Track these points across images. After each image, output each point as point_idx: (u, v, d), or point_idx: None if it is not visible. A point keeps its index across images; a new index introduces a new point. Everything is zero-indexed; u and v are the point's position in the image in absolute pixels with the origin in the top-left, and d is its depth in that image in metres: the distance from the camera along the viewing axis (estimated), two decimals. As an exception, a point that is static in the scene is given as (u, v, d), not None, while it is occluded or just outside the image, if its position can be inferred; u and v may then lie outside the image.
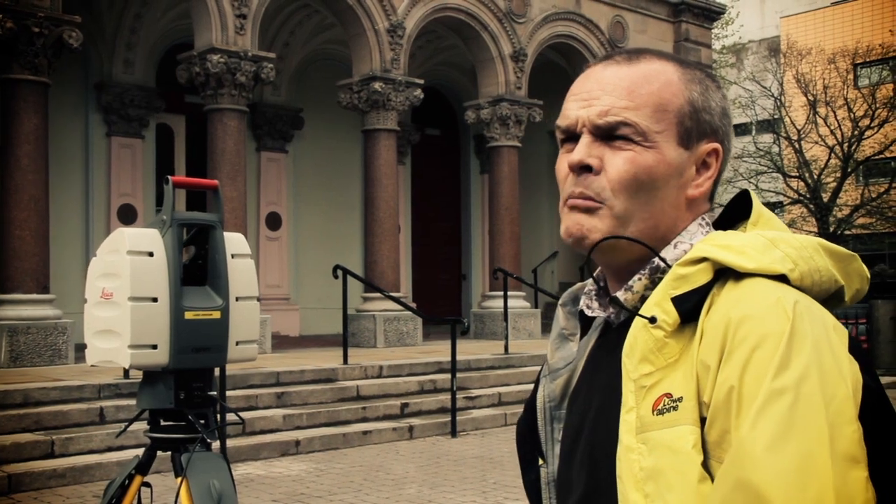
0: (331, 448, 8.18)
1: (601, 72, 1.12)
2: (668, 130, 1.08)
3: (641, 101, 1.08)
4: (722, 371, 0.94)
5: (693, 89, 1.11)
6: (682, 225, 1.11)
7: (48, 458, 6.88)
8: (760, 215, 1.10)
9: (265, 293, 14.64)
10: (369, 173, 12.84)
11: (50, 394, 7.66)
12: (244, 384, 8.73)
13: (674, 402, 0.96)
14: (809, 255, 1.01)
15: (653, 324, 1.00)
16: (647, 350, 1.00)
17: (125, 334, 2.52)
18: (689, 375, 0.97)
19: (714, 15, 17.57)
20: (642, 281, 1.09)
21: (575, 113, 1.11)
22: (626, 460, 0.97)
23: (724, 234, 1.05)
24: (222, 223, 2.71)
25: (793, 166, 27.59)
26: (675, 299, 1.00)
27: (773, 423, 0.88)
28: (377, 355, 10.98)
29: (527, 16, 14.33)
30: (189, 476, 2.50)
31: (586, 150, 1.09)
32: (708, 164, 1.12)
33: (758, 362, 0.92)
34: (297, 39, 15.05)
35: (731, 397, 0.92)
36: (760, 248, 1.00)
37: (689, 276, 1.01)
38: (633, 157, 1.07)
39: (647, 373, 0.99)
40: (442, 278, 17.69)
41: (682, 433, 0.95)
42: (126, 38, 13.34)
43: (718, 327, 0.96)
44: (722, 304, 0.98)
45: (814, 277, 1.01)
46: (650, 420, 0.97)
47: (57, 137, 11.98)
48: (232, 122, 11.19)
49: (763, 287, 0.98)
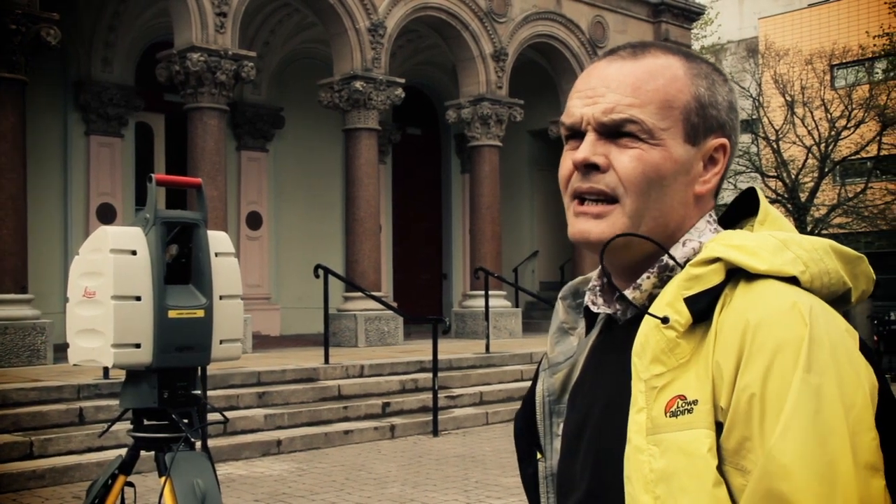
0: (312, 448, 8.16)
1: (605, 68, 1.10)
2: (674, 127, 1.07)
3: (647, 98, 1.06)
4: (741, 377, 0.93)
5: (699, 84, 1.09)
6: (691, 222, 1.10)
7: (27, 460, 6.82)
8: (768, 214, 1.09)
9: (246, 293, 14.51)
10: (350, 172, 12.82)
11: (28, 394, 7.60)
12: (225, 384, 8.69)
13: (688, 404, 0.96)
14: (820, 258, 1.01)
15: (665, 324, 0.99)
16: (659, 350, 0.99)
17: (108, 333, 2.50)
18: (703, 377, 0.96)
19: (693, 15, 17.67)
20: (651, 279, 1.08)
21: (580, 111, 1.09)
22: (636, 461, 0.97)
23: (736, 234, 1.04)
24: (206, 221, 2.69)
25: (771, 166, 27.78)
26: (688, 300, 0.99)
27: (800, 433, 0.89)
28: (358, 355, 10.97)
29: (507, 15, 14.35)
30: (173, 476, 2.48)
31: (591, 149, 1.07)
32: (715, 159, 1.10)
33: (779, 370, 0.92)
34: (277, 38, 15.00)
35: (753, 405, 0.92)
36: (773, 249, 1.00)
37: (703, 277, 1.00)
38: (640, 155, 1.06)
39: (659, 373, 0.98)
40: (423, 278, 17.68)
41: (698, 437, 0.94)
42: (104, 36, 13.24)
43: (735, 330, 0.96)
44: (737, 306, 0.98)
45: (823, 280, 1.00)
46: (663, 422, 0.96)
47: (35, 136, 11.87)
48: (212, 121, 11.14)
49: (778, 290, 0.97)
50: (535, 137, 17.50)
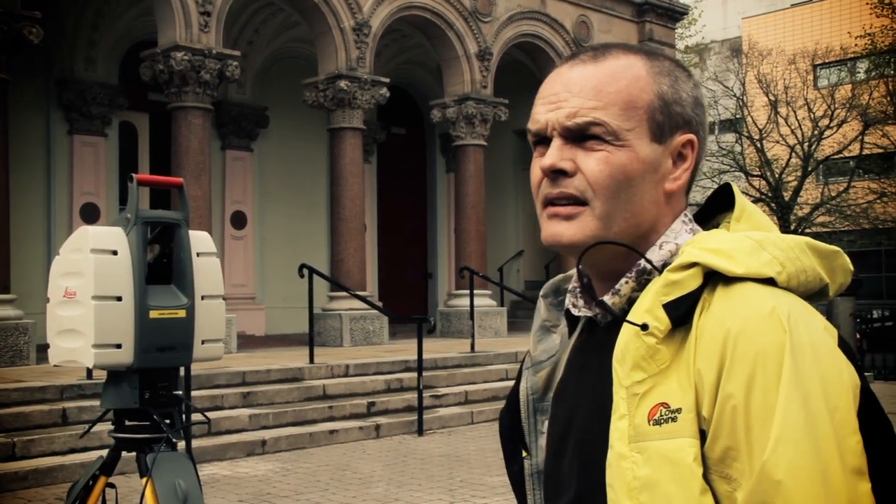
0: (297, 448, 8.14)
1: (567, 72, 1.10)
2: (639, 127, 1.07)
3: (609, 100, 1.07)
4: (723, 386, 0.94)
5: (662, 82, 1.10)
6: (664, 221, 1.10)
7: (10, 461, 6.78)
8: (744, 210, 1.09)
9: (230, 292, 14.52)
10: (335, 172, 12.80)
11: (11, 395, 7.55)
12: (210, 384, 8.66)
13: (672, 413, 0.96)
14: (796, 257, 1.01)
15: (645, 331, 0.99)
16: (639, 357, 0.99)
17: (89, 333, 2.49)
18: (685, 384, 0.97)
19: (677, 15, 17.73)
20: (629, 284, 1.09)
21: (544, 116, 1.10)
22: (618, 468, 0.97)
23: (712, 236, 1.04)
24: (188, 221, 2.68)
25: (755, 165, 27.91)
26: (667, 305, 0.99)
27: (790, 446, 0.89)
28: (343, 354, 10.96)
29: (492, 15, 14.37)
30: (154, 476, 2.48)
31: (558, 154, 1.07)
32: (684, 155, 1.10)
33: (762, 379, 0.92)
34: (261, 37, 14.96)
35: (737, 415, 0.92)
36: (748, 251, 1.00)
37: (681, 282, 1.00)
38: (607, 157, 1.06)
39: (640, 380, 0.98)
40: (408, 277, 17.67)
41: (682, 446, 0.94)
42: (88, 34, 13.17)
43: (716, 338, 0.96)
44: (716, 311, 0.98)
45: (800, 278, 1.01)
46: (646, 429, 0.96)
47: (17, 135, 11.78)
48: (196, 121, 11.10)
49: (756, 294, 0.97)
50: (520, 137, 17.51)
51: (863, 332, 17.02)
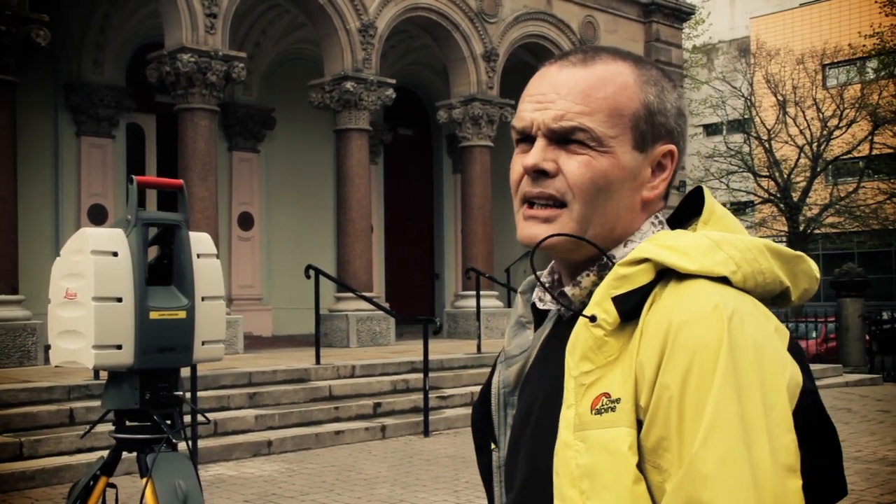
0: (303, 448, 8.16)
1: (556, 73, 1.11)
2: (623, 135, 1.08)
3: (596, 106, 1.08)
4: (661, 377, 0.95)
5: (649, 91, 1.11)
6: (636, 226, 1.12)
7: (17, 461, 6.81)
8: (713, 213, 1.10)
9: (237, 293, 14.58)
10: (341, 173, 12.82)
11: (19, 395, 7.59)
12: (216, 385, 8.68)
13: (612, 402, 0.97)
14: (754, 257, 1.02)
15: (593, 322, 1.01)
16: (588, 348, 1.01)
17: (89, 335, 2.51)
18: (627, 375, 0.98)
19: (684, 15, 17.71)
20: (590, 277, 1.11)
21: (530, 115, 1.11)
22: (563, 456, 0.99)
23: (670, 234, 1.06)
24: (188, 223, 2.70)
25: (763, 166, 27.86)
26: (616, 298, 1.01)
27: (721, 440, 0.90)
28: (350, 355, 10.97)
29: (498, 16, 14.37)
30: (154, 477, 2.49)
31: (541, 154, 1.09)
32: (663, 165, 1.12)
33: (698, 373, 0.93)
34: (268, 39, 14.99)
35: (671, 406, 0.94)
36: (704, 249, 1.01)
37: (631, 276, 1.01)
38: (589, 162, 1.07)
39: (587, 371, 1.00)
40: (415, 278, 17.69)
41: (619, 435, 0.96)
42: (95, 37, 13.23)
43: (658, 330, 0.97)
44: (662, 305, 0.99)
45: (757, 279, 1.01)
46: (588, 419, 0.98)
47: (26, 137, 11.85)
48: (203, 122, 11.13)
49: (704, 290, 0.98)
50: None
51: (872, 334, 16.92)
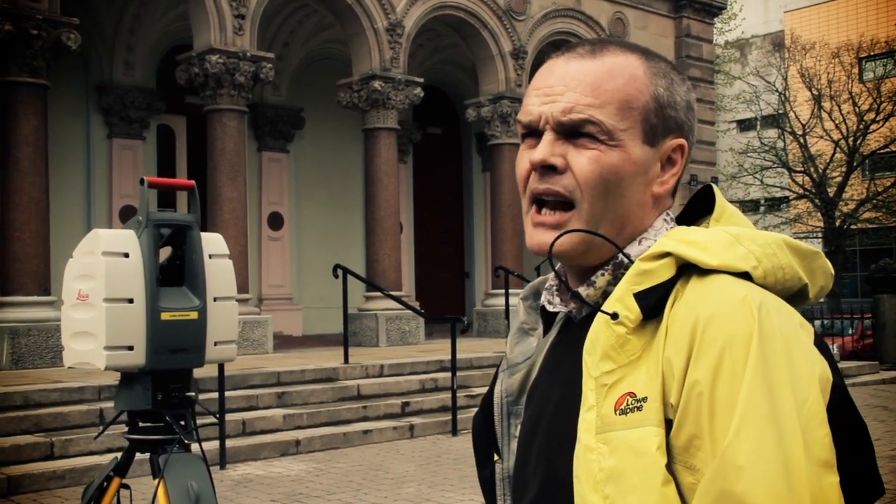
0: (331, 448, 8.17)
1: (564, 66, 1.08)
2: (633, 128, 1.05)
3: (606, 98, 1.05)
4: (691, 373, 0.92)
5: (659, 84, 1.08)
6: (648, 222, 1.09)
7: (48, 460, 6.89)
8: (724, 210, 1.08)
9: (267, 293, 14.66)
10: (370, 172, 12.83)
11: (50, 395, 7.67)
12: (245, 384, 8.73)
13: (638, 401, 0.94)
14: (773, 253, 0.99)
15: (615, 320, 0.97)
16: (609, 347, 0.97)
17: (101, 336, 2.51)
18: (653, 374, 0.95)
19: (715, 10, 17.52)
20: (605, 276, 1.07)
21: (538, 109, 1.07)
22: (585, 460, 0.95)
23: (687, 230, 1.03)
24: (199, 223, 2.69)
25: (798, 161, 27.52)
26: (638, 295, 0.98)
27: (753, 432, 0.87)
28: (378, 354, 10.98)
29: (526, 13, 14.30)
30: (167, 477, 2.49)
31: (549, 149, 1.06)
32: (673, 160, 1.09)
33: (729, 366, 0.90)
34: (296, 39, 15.05)
35: (702, 402, 0.91)
36: (724, 244, 0.98)
37: (653, 272, 0.98)
38: (598, 157, 1.04)
39: (609, 370, 0.97)
40: (445, 276, 17.67)
41: (647, 434, 0.93)
42: (126, 39, 13.36)
43: (685, 325, 0.94)
44: (688, 300, 0.96)
45: (777, 275, 0.99)
46: (613, 420, 0.95)
47: (58, 139, 12.00)
48: (231, 123, 11.19)
49: (728, 284, 0.96)
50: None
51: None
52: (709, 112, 17.48)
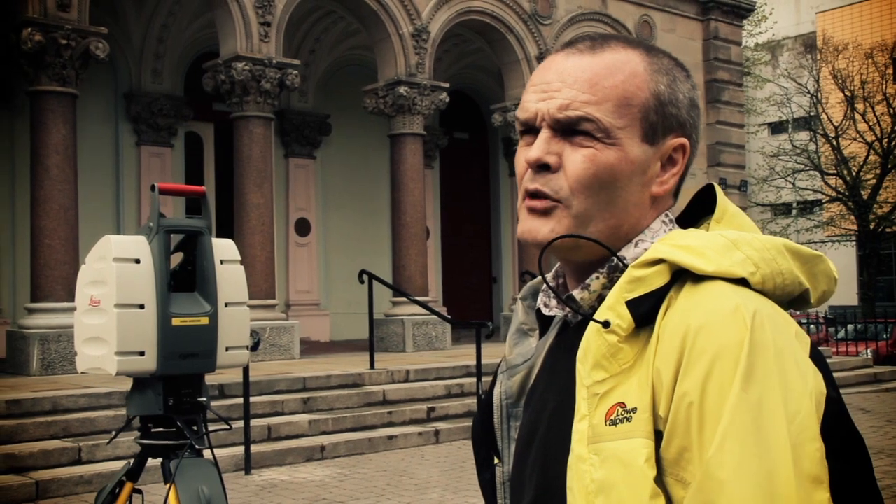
0: (356, 453, 8.18)
1: (563, 62, 1.06)
2: (631, 126, 1.03)
3: (604, 95, 1.02)
4: (680, 384, 0.90)
5: (660, 81, 1.05)
6: (646, 223, 1.06)
7: (75, 465, 6.96)
8: (725, 211, 1.05)
9: (295, 299, 14.72)
10: (396, 178, 12.86)
11: (78, 401, 7.75)
12: (270, 389, 8.76)
13: (627, 412, 0.92)
14: (772, 258, 0.97)
15: (606, 328, 0.95)
16: (601, 356, 0.95)
17: (112, 341, 2.52)
18: (644, 383, 0.93)
19: (744, 12, 17.37)
20: (600, 280, 1.05)
21: (535, 105, 1.05)
22: (577, 471, 0.93)
23: (684, 234, 1.00)
24: (211, 229, 2.70)
25: (831, 163, 27.23)
26: (630, 303, 0.95)
27: (737, 445, 0.86)
28: (405, 360, 10.98)
29: (552, 17, 14.27)
30: (178, 482, 2.49)
31: (545, 147, 1.04)
32: (674, 159, 1.06)
33: (718, 377, 0.88)
34: (323, 46, 15.12)
35: (691, 414, 0.88)
36: (721, 249, 0.95)
37: (645, 279, 0.96)
38: (594, 155, 1.02)
39: (601, 379, 0.95)
40: (473, 281, 17.65)
41: (635, 446, 0.91)
42: (154, 47, 13.50)
43: (676, 334, 0.92)
44: (679, 309, 0.94)
45: (776, 281, 0.96)
46: (603, 430, 0.93)
47: (87, 147, 12.13)
48: (258, 129, 11.26)
49: (722, 292, 0.93)
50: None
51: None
52: (738, 115, 17.32)
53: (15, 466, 6.74)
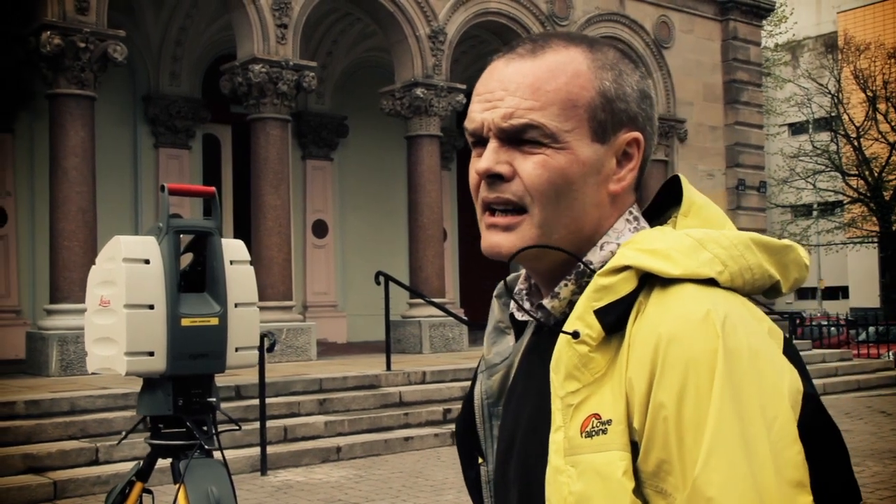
0: (372, 454, 8.18)
1: (504, 68, 1.04)
2: (579, 127, 1.01)
3: (548, 100, 1.00)
4: (654, 396, 0.89)
5: (604, 77, 1.03)
6: (608, 222, 1.04)
7: (93, 465, 7.00)
8: (692, 204, 1.03)
9: (312, 300, 14.75)
10: (413, 179, 12.86)
11: (96, 402, 7.79)
12: (286, 391, 8.78)
13: (603, 424, 0.91)
14: (740, 254, 0.96)
15: (576, 339, 0.94)
16: (573, 367, 0.94)
17: (121, 341, 2.53)
18: (617, 393, 0.92)
19: (763, 12, 17.26)
20: (569, 287, 1.04)
21: (480, 116, 1.04)
22: (556, 483, 0.93)
23: (649, 236, 0.99)
24: (220, 230, 2.70)
25: (852, 164, 27.05)
26: (599, 311, 0.94)
27: (723, 461, 0.85)
28: (421, 361, 10.97)
29: (569, 18, 14.23)
30: (187, 482, 2.49)
31: (494, 157, 1.02)
32: (629, 154, 1.04)
33: (694, 389, 0.87)
34: (340, 48, 15.15)
35: (669, 427, 0.88)
36: (687, 250, 0.94)
37: (613, 286, 0.95)
38: (545, 161, 1.00)
39: (574, 390, 0.94)
40: (489, 283, 17.55)
41: (612, 459, 0.90)
42: (171, 50, 13.57)
43: (647, 343, 0.91)
44: (649, 316, 0.93)
45: (745, 276, 0.95)
46: (579, 442, 0.92)
47: (105, 150, 12.20)
48: (274, 131, 11.29)
49: (692, 296, 0.92)
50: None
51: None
52: (757, 115, 17.21)
53: (34, 466, 6.78)
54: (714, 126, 16.34)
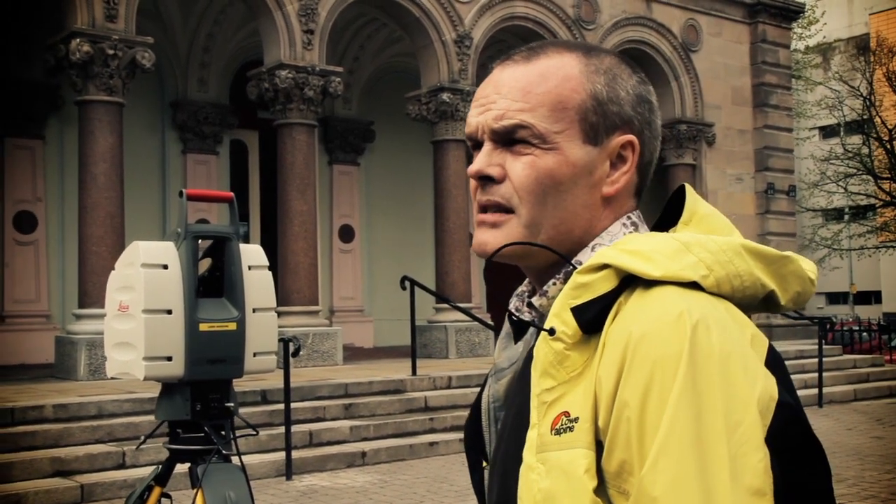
0: (397, 459, 8.17)
1: (499, 74, 1.07)
2: (570, 129, 1.03)
3: (537, 101, 1.03)
4: (619, 395, 0.88)
5: (596, 81, 1.04)
6: (601, 225, 1.05)
7: (119, 469, 7.05)
8: (694, 213, 1.04)
9: (339, 305, 14.78)
10: (439, 184, 12.86)
11: (123, 406, 7.85)
12: (312, 395, 8.79)
13: (570, 421, 0.91)
14: (728, 259, 0.94)
15: (552, 336, 0.94)
16: (548, 363, 0.94)
17: (140, 346, 2.54)
18: (588, 392, 0.92)
19: (792, 14, 17.10)
20: (557, 285, 1.04)
21: (475, 120, 1.07)
22: (526, 479, 0.93)
23: (635, 237, 0.98)
24: (238, 235, 2.71)
25: (884, 168, 26.69)
26: (575, 309, 0.94)
27: (672, 461, 0.84)
28: (447, 366, 10.96)
29: (596, 22, 14.18)
30: (205, 487, 2.50)
31: (486, 160, 1.05)
32: (624, 157, 1.05)
33: (658, 389, 0.86)
34: (366, 53, 15.20)
35: (631, 427, 0.87)
36: (671, 253, 0.93)
37: (590, 284, 0.94)
38: (533, 162, 1.02)
39: (549, 388, 0.94)
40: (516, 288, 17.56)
41: (576, 457, 0.90)
42: (199, 57, 13.68)
43: (618, 342, 0.90)
44: (625, 316, 0.92)
45: (733, 283, 0.94)
46: (549, 439, 0.92)
47: (134, 155, 12.31)
48: (301, 137, 11.34)
49: (670, 298, 0.91)
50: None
51: None
52: (786, 119, 17.04)
53: (61, 470, 6.84)
54: (743, 130, 16.20)
